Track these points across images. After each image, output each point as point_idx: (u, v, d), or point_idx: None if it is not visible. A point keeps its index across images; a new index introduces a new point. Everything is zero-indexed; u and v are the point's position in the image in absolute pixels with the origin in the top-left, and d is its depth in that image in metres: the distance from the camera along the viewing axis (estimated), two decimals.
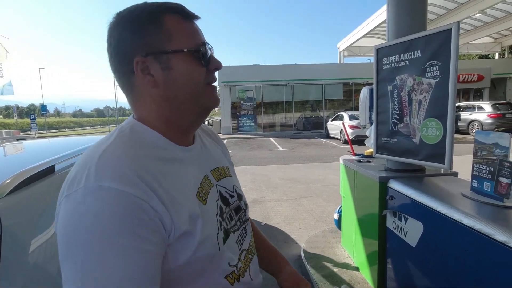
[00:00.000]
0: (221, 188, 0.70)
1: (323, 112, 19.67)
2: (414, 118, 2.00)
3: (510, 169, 1.37)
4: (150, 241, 0.49)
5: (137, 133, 0.61)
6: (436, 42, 1.81)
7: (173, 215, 0.53)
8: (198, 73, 0.61)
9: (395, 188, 1.97)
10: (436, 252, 1.57)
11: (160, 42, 0.58)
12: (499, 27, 15.87)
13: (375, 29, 15.75)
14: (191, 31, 0.61)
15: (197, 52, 0.60)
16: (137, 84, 0.61)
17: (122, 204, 0.47)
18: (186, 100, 0.61)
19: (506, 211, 1.35)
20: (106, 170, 0.50)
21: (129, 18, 0.59)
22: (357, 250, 2.64)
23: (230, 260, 0.64)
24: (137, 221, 0.48)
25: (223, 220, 0.65)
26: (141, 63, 0.58)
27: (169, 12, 0.60)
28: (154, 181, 0.53)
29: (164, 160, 0.59)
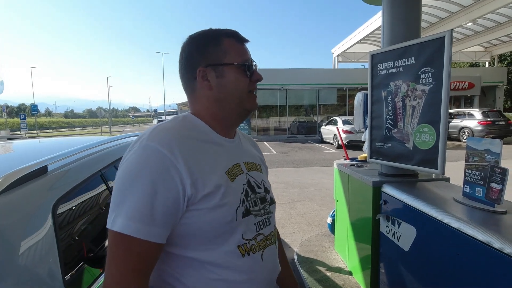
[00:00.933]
0: (250, 177, 0.83)
1: (317, 117, 19.78)
2: (407, 124, 2.03)
3: (501, 175, 1.39)
4: (162, 191, 0.64)
5: (188, 120, 0.80)
6: (430, 50, 1.85)
7: (198, 180, 0.68)
8: (243, 82, 0.80)
9: (388, 193, 1.99)
10: (429, 256, 1.58)
11: (218, 57, 0.78)
12: (489, 37, 16.22)
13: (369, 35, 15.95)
14: (241, 50, 0.81)
15: (244, 66, 0.79)
16: (197, 87, 0.80)
17: (156, 157, 0.66)
18: (232, 102, 0.80)
19: (497, 216, 1.37)
20: (154, 136, 0.70)
21: (198, 40, 0.80)
22: (350, 254, 2.64)
23: (244, 234, 0.75)
24: (160, 173, 0.65)
25: (247, 200, 0.78)
26: (202, 72, 0.78)
27: (226, 36, 0.80)
28: (188, 151, 0.70)
29: (204, 141, 0.77)
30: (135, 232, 0.62)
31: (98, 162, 1.39)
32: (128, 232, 0.62)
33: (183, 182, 0.66)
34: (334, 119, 14.14)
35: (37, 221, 0.97)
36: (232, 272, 0.72)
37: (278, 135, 19.59)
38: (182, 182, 0.66)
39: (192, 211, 0.69)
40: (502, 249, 1.13)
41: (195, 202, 0.68)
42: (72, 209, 1.13)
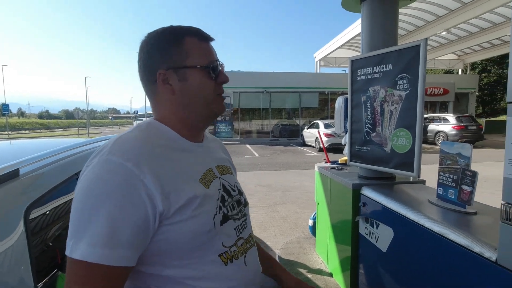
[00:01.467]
0: (224, 181, 0.80)
1: (299, 120, 19.99)
2: (385, 128, 2.09)
3: (471, 177, 1.46)
4: (128, 211, 0.58)
5: (153, 127, 0.74)
6: (406, 57, 1.91)
7: (171, 193, 0.63)
8: (208, 86, 0.75)
9: (367, 195, 2.03)
10: (405, 256, 1.63)
11: (179, 59, 0.72)
12: (462, 46, 16.98)
13: (350, 41, 16.33)
14: (205, 50, 0.75)
15: (208, 68, 0.74)
16: (158, 91, 0.75)
17: (119, 174, 0.59)
18: (198, 106, 0.75)
19: (468, 217, 1.44)
20: (117, 148, 0.63)
21: (157, 38, 0.74)
22: (330, 256, 2.68)
23: (224, 242, 0.72)
24: (125, 190, 0.59)
25: (224, 206, 0.74)
26: (163, 75, 0.72)
27: (189, 34, 0.74)
28: (157, 163, 0.65)
29: (172, 149, 0.72)
30: (100, 259, 0.55)
31: (74, 165, 1.35)
32: (92, 260, 0.55)
33: (152, 198, 0.61)
34: (316, 123, 14.34)
35: (7, 227, 0.93)
36: (216, 282, 0.69)
37: (260, 138, 19.65)
38: (151, 198, 0.61)
39: (166, 226, 0.63)
40: (472, 248, 1.18)
41: (169, 216, 0.63)
42: (45, 214, 1.08)
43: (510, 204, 0.99)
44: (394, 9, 2.25)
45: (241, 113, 19.59)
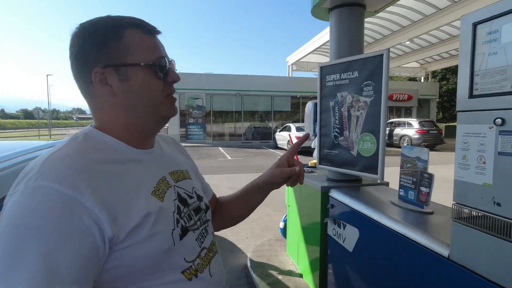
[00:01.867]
0: (179, 189, 0.73)
1: (271, 123, 20.21)
2: (352, 132, 2.18)
3: (428, 179, 1.56)
4: (69, 242, 0.50)
5: (91, 138, 0.64)
6: (371, 65, 2.01)
7: (119, 214, 0.56)
8: (155, 85, 0.65)
9: (335, 197, 2.11)
10: (370, 256, 1.71)
11: (119, 55, 0.62)
12: (424, 55, 18.05)
13: (321, 47, 16.80)
14: (150, 45, 0.65)
15: (154, 66, 0.64)
16: (96, 93, 0.64)
17: (54, 202, 0.50)
18: (144, 109, 0.66)
19: (426, 217, 1.54)
20: (47, 171, 0.53)
21: (91, 30, 0.63)
22: (300, 257, 2.74)
23: (187, 256, 0.66)
24: (63, 220, 0.50)
25: (181, 218, 0.68)
26: (100, 74, 0.62)
27: (130, 26, 0.64)
28: (99, 182, 0.56)
29: (117, 162, 0.62)
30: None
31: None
32: None
33: (98, 223, 0.53)
34: (288, 126, 14.58)
35: None
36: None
37: (233, 140, 19.62)
38: (97, 223, 0.52)
39: (118, 251, 0.56)
40: (428, 245, 1.27)
41: (120, 240, 0.55)
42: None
43: (460, 204, 1.08)
44: (360, 19, 2.36)
45: (213, 115, 19.46)
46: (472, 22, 1.03)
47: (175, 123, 18.47)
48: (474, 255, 1.04)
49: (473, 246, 1.04)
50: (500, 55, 0.96)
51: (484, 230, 0.99)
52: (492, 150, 0.97)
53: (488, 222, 0.98)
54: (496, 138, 0.96)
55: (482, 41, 1.01)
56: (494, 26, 0.97)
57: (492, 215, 0.97)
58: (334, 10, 2.36)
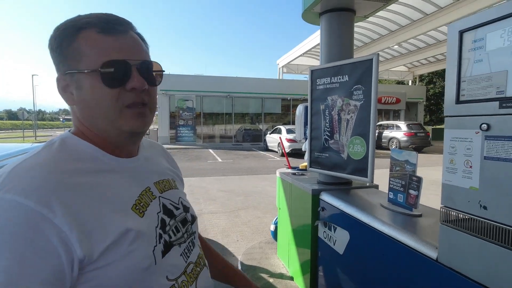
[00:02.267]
0: (165, 200, 0.68)
1: (262, 125, 20.24)
2: (342, 136, 2.20)
3: (417, 182, 1.59)
4: (30, 264, 0.44)
5: (68, 146, 0.59)
6: (360, 69, 2.04)
7: (93, 231, 0.51)
8: (104, 95, 0.57)
9: (326, 200, 2.12)
10: (360, 257, 1.73)
11: (73, 60, 0.57)
12: (411, 59, 18.40)
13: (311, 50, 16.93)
14: (103, 47, 0.57)
15: (97, 72, 0.56)
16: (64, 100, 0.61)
17: (17, 217, 0.45)
18: (99, 121, 0.59)
19: (414, 219, 1.56)
20: (13, 182, 0.48)
21: (54, 34, 0.58)
22: (291, 260, 2.75)
23: (169, 274, 0.61)
24: (25, 237, 0.45)
25: (165, 232, 0.63)
26: (62, 81, 0.59)
27: (86, 26, 0.57)
28: (71, 195, 0.51)
29: (95, 172, 0.57)
30: None
31: None
32: None
33: (67, 242, 0.47)
34: (279, 128, 14.62)
35: None
36: None
37: (223, 142, 19.57)
38: (65, 242, 0.47)
39: (91, 272, 0.50)
40: (416, 248, 1.29)
41: (93, 260, 0.50)
42: None
43: (448, 207, 1.10)
44: (350, 24, 2.39)
45: (204, 117, 19.38)
46: (459, 29, 1.06)
47: (165, 125, 18.33)
48: (462, 257, 1.06)
49: (461, 248, 1.06)
50: (485, 62, 0.98)
51: (471, 233, 1.02)
52: (479, 155, 0.99)
53: (475, 225, 1.01)
54: (482, 143, 0.98)
55: (468, 48, 1.04)
56: (480, 34, 1.00)
57: (479, 218, 0.99)
58: (325, 15, 2.39)
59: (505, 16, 0.92)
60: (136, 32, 0.63)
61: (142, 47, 0.62)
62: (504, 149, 0.92)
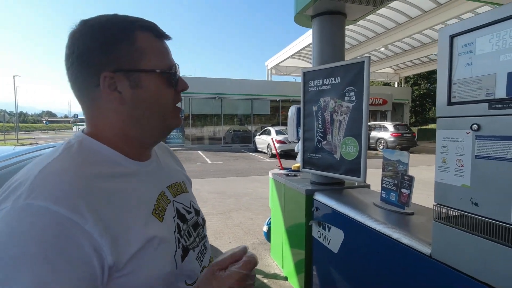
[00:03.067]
0: (178, 204, 0.69)
1: (251, 126, 20.25)
2: (335, 137, 2.24)
3: (409, 181, 1.64)
4: (64, 271, 0.43)
5: (87, 149, 0.58)
6: (352, 72, 2.09)
7: (119, 237, 0.50)
8: (167, 94, 0.61)
9: (319, 200, 2.15)
10: (355, 256, 1.76)
11: (132, 59, 0.57)
12: (397, 61, 18.80)
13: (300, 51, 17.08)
14: (163, 51, 0.61)
15: (168, 73, 0.60)
16: (101, 99, 0.58)
17: (49, 225, 0.44)
18: (152, 119, 0.61)
19: (407, 217, 1.61)
20: (41, 188, 0.46)
21: (100, 30, 0.57)
22: (285, 260, 2.77)
23: (187, 279, 0.62)
24: (58, 245, 0.43)
25: (181, 237, 0.64)
26: (109, 79, 0.57)
27: (142, 29, 0.59)
28: (99, 202, 0.50)
29: (115, 176, 0.57)
30: None
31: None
32: None
33: (98, 249, 0.47)
34: (268, 129, 14.67)
35: None
36: None
37: (212, 144, 19.48)
38: (96, 249, 0.46)
39: (117, 279, 0.50)
40: (410, 244, 1.33)
41: (120, 267, 0.49)
42: None
43: (441, 204, 1.14)
44: (341, 26, 2.44)
45: (192, 119, 19.25)
46: (449, 34, 1.10)
47: None
48: (455, 253, 1.11)
49: (454, 244, 1.10)
50: (475, 65, 1.03)
51: (464, 229, 1.06)
52: (470, 154, 1.04)
53: (467, 221, 1.05)
54: (473, 143, 1.03)
55: (459, 52, 1.08)
56: (469, 39, 1.05)
57: (471, 215, 1.03)
58: (317, 18, 2.43)
59: (494, 22, 0.97)
60: None
61: None
62: (494, 148, 0.97)
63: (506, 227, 0.94)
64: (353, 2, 2.21)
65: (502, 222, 0.94)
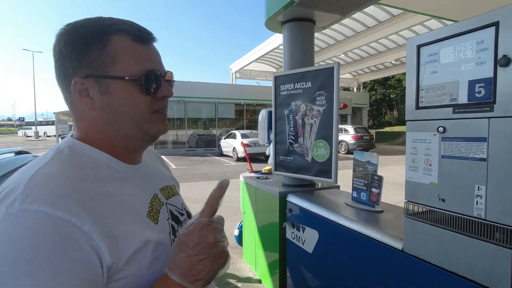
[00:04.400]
0: (171, 206, 0.69)
1: (216, 130, 20.10)
2: (307, 139, 2.31)
3: (378, 181, 1.74)
4: (67, 275, 0.43)
5: (78, 152, 0.57)
6: (322, 76, 2.17)
7: (118, 239, 0.50)
8: (140, 101, 0.58)
9: (293, 202, 2.20)
10: (329, 254, 1.82)
11: (102, 65, 0.55)
12: (356, 67, 19.84)
13: (264, 56, 17.33)
14: (139, 55, 0.58)
15: (139, 81, 0.57)
16: (75, 104, 0.58)
17: (47, 229, 0.43)
18: (126, 126, 0.59)
19: (377, 215, 1.70)
20: (35, 192, 0.46)
21: (74, 33, 0.56)
22: (258, 263, 2.78)
23: None
24: (60, 251, 0.43)
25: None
26: (80, 84, 0.56)
27: (118, 32, 0.57)
28: (94, 204, 0.50)
29: (108, 179, 0.57)
30: None
31: None
32: None
33: (97, 250, 0.47)
34: (233, 133, 14.66)
35: None
36: None
37: (176, 148, 19.03)
38: (95, 249, 0.47)
39: (117, 281, 0.50)
40: (383, 240, 1.41)
41: (119, 269, 0.49)
42: None
43: (411, 201, 1.23)
44: (310, 33, 2.53)
45: None
46: (416, 44, 1.20)
47: None
48: (424, 246, 1.19)
49: (423, 238, 1.19)
50: (440, 73, 1.13)
51: (432, 223, 1.15)
52: (437, 154, 1.13)
53: (435, 216, 1.14)
54: (439, 144, 1.12)
55: (425, 60, 1.18)
56: (434, 49, 1.15)
57: (438, 210, 1.12)
58: (287, 24, 2.49)
59: (456, 35, 1.07)
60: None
61: (160, 57, 0.64)
62: (458, 148, 1.07)
63: (469, 219, 1.03)
64: (321, 10, 2.30)
65: (466, 215, 1.04)
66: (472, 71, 1.02)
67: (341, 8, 2.29)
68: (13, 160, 1.73)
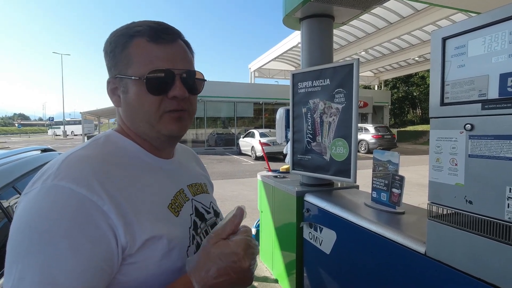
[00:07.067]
0: (197, 203, 0.71)
1: (234, 129, 20.20)
2: (325, 138, 2.26)
3: (399, 181, 1.67)
4: (85, 248, 0.48)
5: (112, 142, 0.64)
6: (341, 73, 2.11)
7: (133, 223, 0.53)
8: (148, 101, 0.61)
9: (310, 201, 2.16)
10: (348, 256, 1.77)
11: (123, 66, 0.61)
12: (377, 65, 19.33)
13: (283, 54, 17.23)
14: (151, 55, 0.60)
15: (142, 80, 0.59)
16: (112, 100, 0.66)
17: (70, 204, 0.49)
18: (141, 125, 0.64)
19: (398, 217, 1.63)
20: (66, 171, 0.52)
21: (110, 38, 0.63)
22: (275, 262, 2.75)
23: None
24: (79, 223, 0.48)
25: (197, 234, 0.66)
26: (111, 84, 0.64)
27: (138, 34, 0.61)
28: (116, 185, 0.54)
29: (134, 167, 0.61)
30: None
31: None
32: None
33: (114, 229, 0.50)
34: (252, 132, 14.67)
35: None
36: None
37: (195, 147, 19.27)
38: (112, 228, 0.50)
39: (129, 265, 0.52)
40: (404, 243, 1.35)
41: (132, 252, 0.52)
42: None
43: (435, 203, 1.16)
44: (329, 29, 2.47)
45: None
46: (442, 36, 1.13)
47: None
48: (449, 250, 1.13)
49: (448, 241, 1.12)
50: (468, 67, 1.06)
51: (458, 227, 1.08)
52: (463, 153, 1.06)
53: (461, 219, 1.07)
54: (466, 142, 1.06)
55: (451, 54, 1.11)
56: (462, 41, 1.08)
57: (465, 212, 1.06)
58: (305, 20, 2.44)
59: (485, 25, 1.00)
60: (183, 40, 0.66)
61: (187, 56, 0.65)
62: (487, 147, 1.00)
63: (499, 223, 0.96)
64: (341, 5, 2.24)
65: (496, 219, 0.97)
66: (504, 63, 0.95)
67: (361, 3, 2.22)
68: (38, 157, 1.80)
